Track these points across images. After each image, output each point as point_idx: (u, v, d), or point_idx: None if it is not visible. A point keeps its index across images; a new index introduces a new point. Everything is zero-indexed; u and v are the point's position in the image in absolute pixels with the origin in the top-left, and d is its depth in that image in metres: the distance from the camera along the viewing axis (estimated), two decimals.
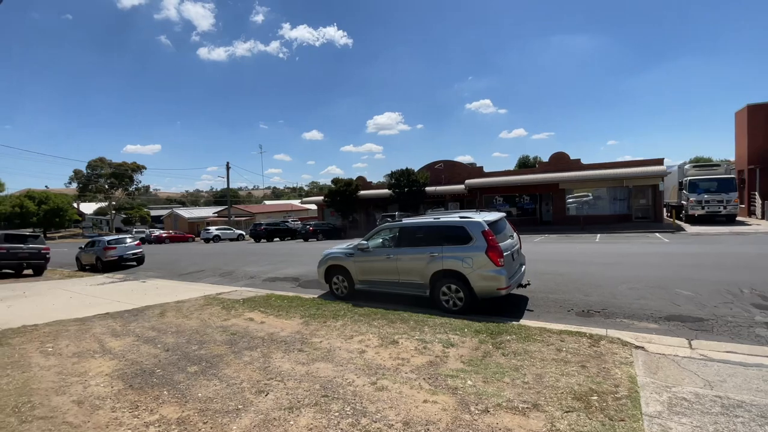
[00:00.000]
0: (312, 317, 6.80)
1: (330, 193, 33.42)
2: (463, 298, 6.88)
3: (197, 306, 8.16)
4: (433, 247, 7.20)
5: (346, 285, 8.51)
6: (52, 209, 67.60)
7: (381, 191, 33.67)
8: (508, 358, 4.66)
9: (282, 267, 14.17)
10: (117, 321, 7.01)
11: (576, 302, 7.28)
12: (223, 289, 10.48)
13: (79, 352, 5.16)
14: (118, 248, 17.26)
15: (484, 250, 6.66)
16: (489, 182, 28.06)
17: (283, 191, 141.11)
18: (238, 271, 14.00)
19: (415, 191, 28.81)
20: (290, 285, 10.83)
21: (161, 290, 10.77)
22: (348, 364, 4.54)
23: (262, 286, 10.96)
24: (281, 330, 6.13)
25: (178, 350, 5.24)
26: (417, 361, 4.57)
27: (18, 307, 8.87)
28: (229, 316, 7.11)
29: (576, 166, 26.50)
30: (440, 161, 31.85)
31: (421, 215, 12.88)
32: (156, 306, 8.36)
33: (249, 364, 4.67)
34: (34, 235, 16.83)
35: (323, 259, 9.01)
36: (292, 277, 12.00)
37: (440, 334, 5.54)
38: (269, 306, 7.82)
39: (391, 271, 7.75)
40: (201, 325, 6.60)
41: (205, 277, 13.30)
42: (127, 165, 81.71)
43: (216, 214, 56.20)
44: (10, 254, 15.19)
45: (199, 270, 15.00)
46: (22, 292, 11.07)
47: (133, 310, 8.06)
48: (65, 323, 6.94)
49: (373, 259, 8.04)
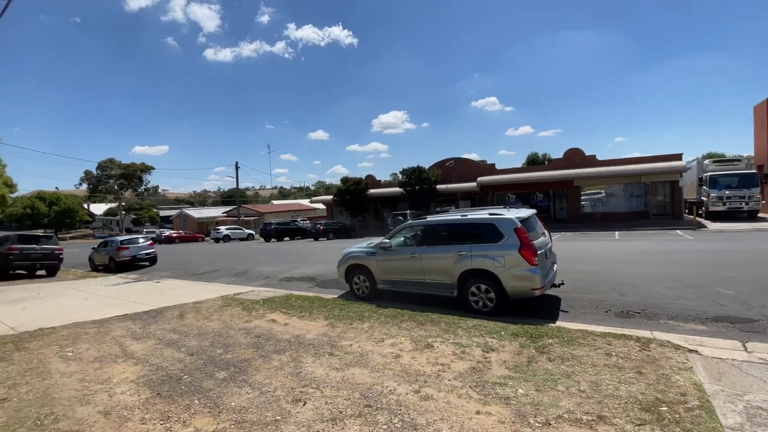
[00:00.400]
0: (337, 318, 6.54)
1: (339, 192, 33.18)
2: (493, 299, 6.57)
3: (216, 307, 7.94)
4: (460, 246, 6.89)
5: (368, 285, 8.25)
6: (62, 210, 68.27)
7: (391, 190, 33.38)
8: (555, 363, 4.35)
9: (297, 266, 13.95)
10: (136, 323, 6.81)
11: (612, 302, 6.93)
12: (239, 289, 10.27)
13: (100, 357, 4.95)
14: (131, 248, 17.17)
15: (517, 249, 6.35)
16: (501, 179, 27.62)
17: (290, 191, 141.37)
18: (252, 270, 13.80)
19: (426, 189, 28.46)
20: (307, 285, 10.59)
21: (177, 291, 10.59)
22: (385, 370, 4.26)
23: (279, 286, 10.73)
24: (306, 332, 5.87)
25: (203, 354, 5.00)
26: (458, 367, 4.28)
27: (34, 308, 8.72)
28: (250, 318, 6.88)
29: (591, 162, 25.95)
30: (451, 159, 31.46)
31: (439, 213, 12.55)
32: (174, 307, 8.16)
33: (279, 369, 4.41)
34: (47, 235, 16.79)
35: (343, 259, 8.75)
36: (308, 276, 11.77)
37: (476, 338, 5.24)
38: (290, 307, 7.57)
39: (415, 270, 7.47)
40: (223, 327, 6.37)
41: (219, 277, 13.12)
42: (136, 166, 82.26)
43: (225, 214, 56.32)
44: (24, 255, 15.15)
45: (213, 270, 14.84)
46: (36, 293, 10.95)
47: (151, 311, 7.86)
48: (83, 325, 6.75)
49: (397, 258, 7.75)
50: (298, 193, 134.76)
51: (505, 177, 27.81)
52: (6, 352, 5.19)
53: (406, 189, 29.31)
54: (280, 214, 55.01)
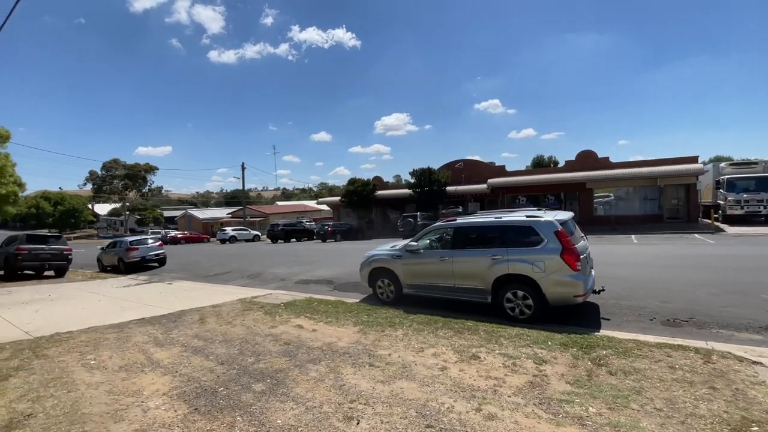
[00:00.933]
0: (366, 325, 6.23)
1: (347, 193, 32.89)
2: (531, 306, 6.26)
3: (237, 311, 7.64)
4: (495, 249, 6.58)
5: (393, 289, 7.94)
6: (67, 210, 68.37)
7: (399, 191, 33.07)
8: (618, 378, 4.03)
9: (311, 269, 13.65)
10: (156, 328, 6.52)
11: (654, 309, 6.61)
12: (256, 292, 9.98)
13: (125, 366, 4.65)
14: (141, 249, 16.91)
15: (558, 253, 6.03)
16: (512, 181, 27.28)
17: (293, 192, 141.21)
18: (266, 273, 13.51)
19: (436, 191, 28.13)
20: (326, 288, 10.29)
21: (191, 293, 10.31)
22: (435, 384, 3.95)
23: (297, 288, 10.43)
24: (338, 339, 5.57)
25: (234, 363, 4.69)
26: (514, 382, 3.96)
27: (47, 311, 8.45)
28: (275, 323, 6.58)
29: (604, 164, 25.59)
30: (460, 160, 31.14)
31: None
32: (192, 311, 7.87)
33: (319, 381, 4.10)
34: (56, 235, 16.56)
35: (366, 261, 8.45)
36: (325, 279, 11.46)
37: (523, 348, 4.92)
38: (315, 311, 7.27)
39: (445, 274, 7.16)
40: (248, 332, 6.07)
41: (232, 279, 12.83)
42: (141, 166, 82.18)
43: (230, 215, 56.13)
44: (32, 255, 14.90)
45: (225, 272, 14.55)
46: (47, 295, 10.69)
47: (169, 315, 7.57)
48: (101, 330, 6.47)
49: (425, 261, 7.45)
50: (302, 194, 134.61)
51: (516, 179, 27.46)
52: (25, 360, 4.90)
53: (415, 190, 28.99)
54: (285, 215, 54.77)
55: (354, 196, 32.43)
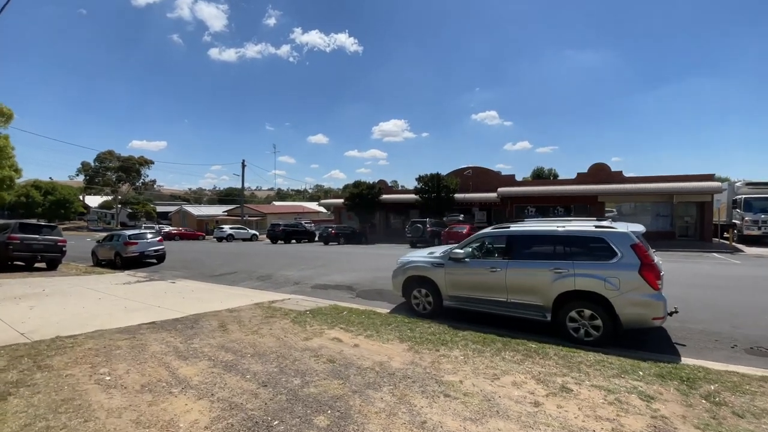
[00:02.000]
0: (414, 341, 5.51)
1: (351, 195, 32.15)
2: (599, 327, 5.58)
3: (259, 317, 6.85)
4: (558, 262, 5.91)
5: (431, 301, 7.23)
6: (58, 200, 66.51)
7: (405, 196, 32.44)
8: (748, 420, 3.37)
9: (324, 273, 12.86)
10: (173, 335, 5.71)
11: (730, 335, 5.98)
12: (272, 296, 9.18)
13: (148, 384, 3.86)
14: (140, 244, 15.98)
15: (636, 269, 5.38)
16: (522, 191, 26.79)
17: (288, 193, 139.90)
18: (276, 275, 12.69)
19: (443, 197, 27.51)
20: (347, 294, 9.52)
21: (199, 294, 9.48)
22: (538, 425, 3.23)
23: (315, 294, 9.65)
24: (388, 358, 4.83)
25: (279, 385, 3.93)
26: (633, 425, 3.26)
27: (43, 309, 7.57)
28: (307, 334, 5.81)
29: (617, 178, 25.22)
30: (469, 167, 30.61)
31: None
32: (208, 315, 7.06)
33: (392, 415, 3.36)
34: (50, 225, 15.56)
35: (401, 269, 7.73)
36: (343, 285, 10.69)
37: (615, 379, 4.23)
38: (347, 322, 6.52)
39: (496, 287, 6.46)
40: (280, 345, 5.30)
41: (241, 280, 11.99)
42: (135, 159, 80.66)
43: (226, 213, 55.00)
44: (25, 245, 13.91)
45: (231, 272, 13.69)
46: (41, 290, 9.77)
47: (183, 319, 6.75)
48: (110, 335, 5.64)
49: (472, 271, 6.75)
50: (297, 195, 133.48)
51: (526, 189, 26.98)
52: (25, 372, 4.08)
53: (422, 196, 28.33)
54: (282, 215, 53.79)
55: (358, 198, 31.70)
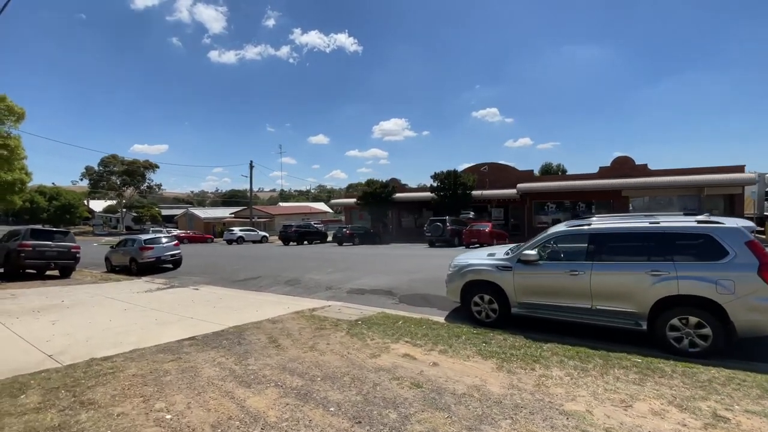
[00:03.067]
0: (498, 358, 4.82)
1: (364, 194, 31.46)
2: (708, 337, 4.87)
3: (308, 329, 6.17)
4: (656, 263, 5.20)
5: (496, 308, 6.52)
6: (63, 205, 66.24)
7: (419, 194, 31.76)
8: None
9: (353, 276, 12.17)
10: (222, 353, 5.02)
11: None
12: (309, 303, 8.49)
13: (219, 425, 3.17)
14: (156, 249, 15.32)
15: (755, 270, 4.66)
16: (542, 187, 26.04)
17: (291, 194, 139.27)
18: (303, 279, 12.00)
19: (460, 195, 26.75)
20: (389, 300, 8.83)
21: (228, 302, 8.81)
22: None
23: (353, 300, 8.97)
24: (482, 381, 4.12)
25: (374, 421, 3.23)
26: None
27: (66, 323, 6.91)
28: (372, 350, 5.12)
29: (642, 171, 24.40)
30: (485, 164, 29.85)
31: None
32: (249, 327, 6.38)
33: None
34: (63, 231, 14.92)
35: (458, 272, 7.02)
36: (380, 289, 9.99)
37: (765, 401, 3.53)
38: (408, 333, 5.83)
39: (577, 293, 5.76)
40: (348, 365, 4.60)
41: (267, 285, 11.31)
42: (140, 162, 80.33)
43: (233, 215, 54.45)
44: (37, 252, 13.28)
45: (254, 276, 13.02)
46: (60, 300, 9.12)
47: (224, 332, 6.07)
48: (151, 355, 4.96)
49: (547, 275, 6.05)
50: (300, 196, 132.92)
51: (547, 185, 26.23)
52: (67, 413, 3.38)
53: (438, 194, 27.58)
54: (290, 216, 53.20)
55: (371, 197, 30.99)
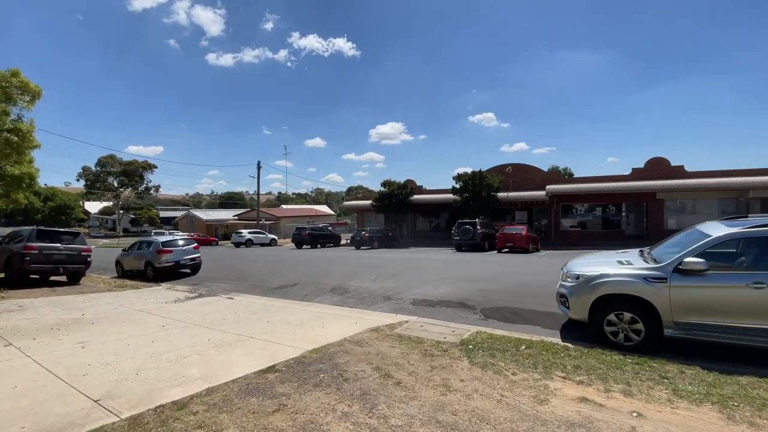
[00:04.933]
0: (709, 401, 3.57)
1: (381, 196, 30.13)
2: None
3: (413, 355, 4.84)
4: None
5: (640, 328, 5.23)
6: (58, 206, 64.48)
7: (439, 196, 30.48)
8: None
9: (408, 284, 10.82)
10: (334, 396, 3.68)
11: None
12: (378, 317, 7.17)
13: None
14: (174, 252, 13.89)
15: None
16: (573, 189, 24.88)
17: (289, 196, 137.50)
18: (349, 287, 10.65)
19: (485, 197, 25.48)
20: (471, 315, 7.51)
21: (280, 315, 7.47)
22: None
23: (425, 313, 7.65)
24: None
25: None
26: None
27: (99, 346, 5.52)
28: (527, 390, 3.82)
29: (678, 173, 23.30)
30: (509, 164, 28.66)
31: None
32: (334, 351, 5.05)
33: None
34: (72, 232, 13.45)
35: (586, 284, 5.71)
36: (451, 300, 8.66)
37: None
38: (548, 364, 4.55)
39: (763, 310, 4.50)
40: (519, 417, 3.30)
41: (313, 294, 9.93)
42: (138, 163, 78.42)
43: (236, 217, 52.88)
44: (44, 256, 11.80)
45: (291, 283, 11.64)
46: (79, 313, 7.71)
47: (306, 359, 4.73)
48: (239, 399, 3.62)
49: (719, 287, 4.78)
50: (298, 198, 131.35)
51: (578, 186, 25.05)
52: None
53: (462, 195, 26.30)
54: (295, 219, 51.75)
55: (387, 199, 29.68)
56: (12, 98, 7.56)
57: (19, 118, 8.18)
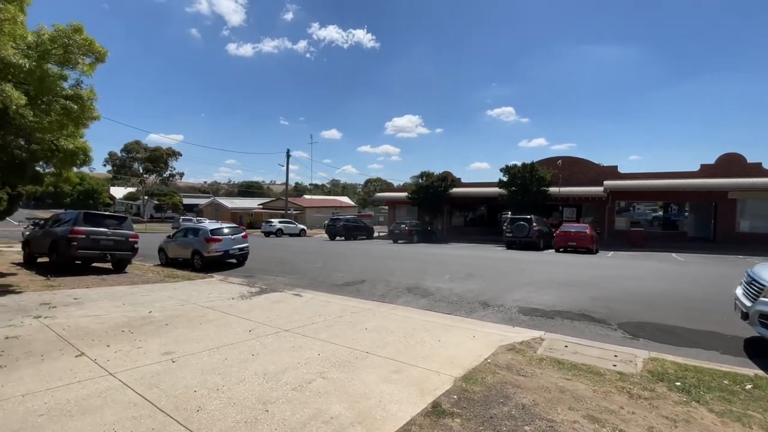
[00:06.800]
0: None
1: (418, 188, 28.78)
2: None
3: (612, 392, 3.59)
4: None
5: None
6: (86, 191, 65.01)
7: (482, 189, 29.01)
8: None
9: (497, 288, 9.53)
10: None
11: None
12: (499, 331, 5.93)
13: None
14: (224, 241, 12.92)
15: None
16: (634, 186, 23.05)
17: (306, 187, 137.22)
18: (428, 287, 9.43)
19: (535, 192, 23.85)
20: (608, 330, 6.19)
21: (368, 319, 6.33)
22: None
23: (542, 325, 6.39)
24: None
25: None
26: None
27: (190, 358, 4.45)
28: None
29: (755, 171, 21.26)
30: (559, 157, 26.91)
31: None
32: (487, 377, 3.85)
33: None
34: (118, 216, 12.62)
35: None
36: (570, 311, 7.34)
37: None
38: None
39: None
40: None
41: (391, 295, 8.73)
42: (162, 150, 79.12)
43: (261, 206, 52.35)
44: (91, 241, 10.95)
45: (357, 280, 10.50)
46: (146, 311, 6.69)
47: (468, 393, 3.54)
48: None
49: None
50: (315, 189, 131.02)
51: (639, 183, 23.16)
52: None
53: (509, 189, 24.72)
54: (320, 209, 50.95)
55: (428, 191, 28.29)
56: (71, 60, 6.52)
57: (77, 84, 7.16)
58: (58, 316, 6.20)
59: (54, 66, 6.57)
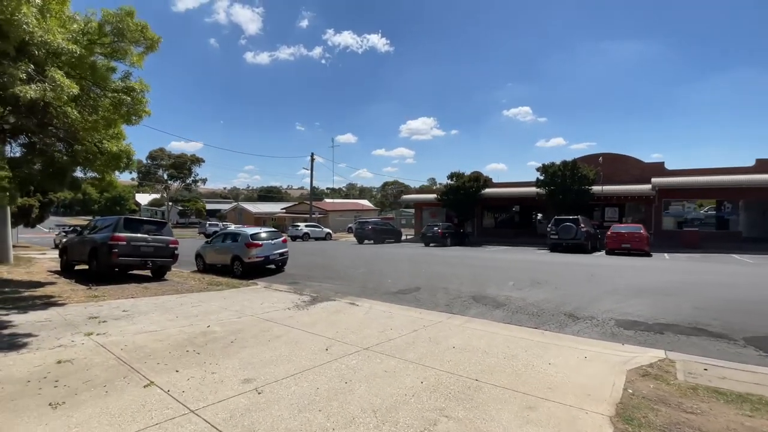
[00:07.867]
0: None
1: (449, 189, 27.88)
2: None
3: None
4: None
5: None
6: (114, 197, 66.56)
7: (516, 190, 27.92)
8: None
9: (575, 295, 8.58)
10: None
11: None
12: (612, 351, 5.06)
13: None
14: (264, 246, 12.37)
15: None
16: (684, 183, 21.60)
17: (323, 191, 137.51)
18: (495, 295, 8.59)
19: (577, 191, 22.62)
20: (743, 350, 5.23)
21: (447, 335, 5.56)
22: None
23: (652, 341, 5.50)
24: None
25: None
26: None
27: (283, 394, 3.78)
28: None
29: None
30: (600, 154, 25.58)
31: None
32: (645, 413, 3.01)
33: None
34: (158, 221, 12.26)
35: None
36: (678, 324, 6.37)
37: None
38: None
39: None
40: None
41: (457, 305, 7.91)
42: (186, 157, 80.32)
43: (284, 210, 52.29)
44: (132, 248, 10.54)
45: (411, 287, 9.73)
46: (204, 325, 6.09)
47: None
48: None
49: None
50: (332, 193, 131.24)
51: (693, 179, 21.64)
52: None
53: (548, 188, 23.57)
54: (342, 213, 50.53)
55: (457, 192, 27.36)
56: (119, 50, 5.99)
57: (126, 75, 6.66)
58: (111, 332, 5.64)
59: (100, 57, 6.08)
